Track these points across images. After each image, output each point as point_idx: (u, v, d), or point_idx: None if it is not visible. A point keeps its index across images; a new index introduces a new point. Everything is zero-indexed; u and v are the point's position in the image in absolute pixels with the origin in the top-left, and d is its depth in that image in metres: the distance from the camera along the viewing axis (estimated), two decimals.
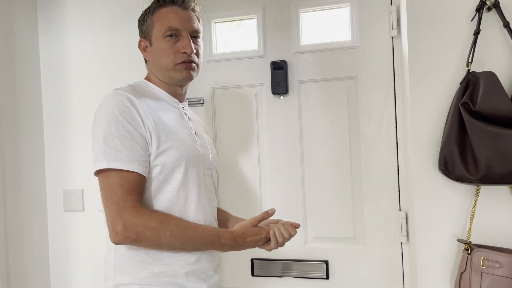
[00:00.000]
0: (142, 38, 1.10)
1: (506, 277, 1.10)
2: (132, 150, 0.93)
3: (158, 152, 0.97)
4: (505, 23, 1.17)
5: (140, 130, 0.95)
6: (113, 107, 0.95)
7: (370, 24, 1.51)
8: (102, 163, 0.92)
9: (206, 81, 1.67)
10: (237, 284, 1.65)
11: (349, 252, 1.54)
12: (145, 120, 0.96)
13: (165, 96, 1.09)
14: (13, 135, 1.50)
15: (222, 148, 1.66)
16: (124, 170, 0.92)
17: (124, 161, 0.92)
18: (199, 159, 1.06)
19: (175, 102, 1.10)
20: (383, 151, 1.50)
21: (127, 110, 0.95)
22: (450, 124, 1.17)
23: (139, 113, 0.96)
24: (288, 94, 1.59)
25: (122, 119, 0.94)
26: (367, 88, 1.52)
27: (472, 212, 1.20)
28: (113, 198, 0.91)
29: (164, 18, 1.05)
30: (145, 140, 0.96)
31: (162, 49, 1.04)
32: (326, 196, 1.56)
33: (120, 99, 0.96)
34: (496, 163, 1.09)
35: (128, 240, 0.91)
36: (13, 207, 1.48)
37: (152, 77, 1.10)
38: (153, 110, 1.00)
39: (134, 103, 0.96)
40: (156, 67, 1.07)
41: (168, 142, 0.98)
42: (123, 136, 0.93)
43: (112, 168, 0.92)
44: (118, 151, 0.92)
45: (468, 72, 1.18)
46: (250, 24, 1.66)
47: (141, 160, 0.94)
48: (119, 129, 0.93)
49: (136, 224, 0.90)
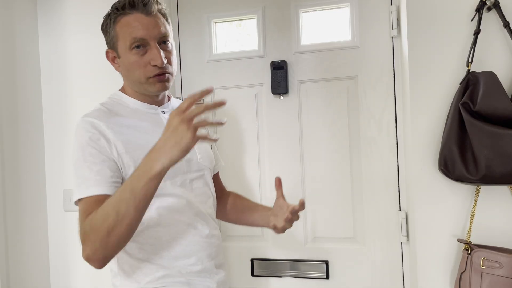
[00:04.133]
0: (109, 49, 1.03)
1: (506, 277, 1.10)
2: (101, 174, 0.91)
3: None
4: (505, 23, 1.17)
5: (106, 153, 0.93)
6: (80, 135, 0.95)
7: (370, 24, 1.51)
8: (76, 195, 0.92)
9: (206, 81, 1.67)
10: (237, 284, 1.65)
11: (349, 252, 1.54)
12: (115, 142, 0.94)
13: (140, 106, 1.04)
14: (13, 135, 1.50)
15: (222, 148, 1.66)
16: (91, 196, 0.90)
17: (92, 186, 0.90)
18: (182, 167, 1.01)
19: (153, 109, 1.05)
20: (383, 151, 1.50)
21: (92, 135, 0.94)
22: (450, 124, 1.17)
23: (105, 137, 0.94)
24: (288, 94, 1.59)
25: (87, 145, 0.93)
26: (367, 88, 1.52)
27: (472, 212, 1.20)
28: (80, 226, 0.90)
29: (127, 29, 0.96)
30: (114, 162, 0.93)
31: (131, 63, 0.98)
32: (326, 196, 1.56)
33: (84, 126, 0.95)
34: (496, 163, 1.09)
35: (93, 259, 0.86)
36: (13, 207, 1.48)
37: (128, 89, 1.06)
38: (125, 130, 0.97)
39: (100, 128, 0.94)
40: (128, 80, 1.03)
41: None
42: (90, 161, 0.92)
43: (82, 198, 0.91)
44: (86, 179, 0.91)
45: (468, 72, 1.18)
46: (250, 24, 1.66)
47: (111, 182, 0.92)
48: (86, 155, 0.92)
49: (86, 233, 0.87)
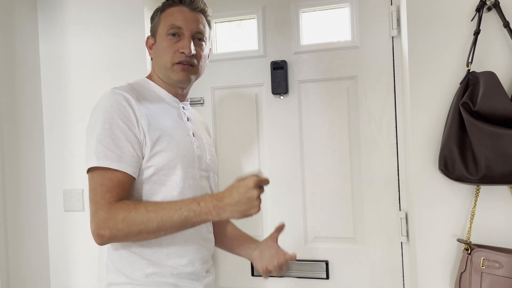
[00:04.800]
0: (150, 35, 1.11)
1: (506, 277, 1.10)
2: (124, 150, 0.92)
3: (152, 153, 0.96)
4: (505, 23, 1.17)
5: (134, 130, 0.94)
6: (109, 105, 0.94)
7: (370, 24, 1.51)
8: (92, 161, 0.91)
9: (206, 81, 1.67)
10: (237, 284, 1.64)
11: (349, 252, 1.54)
12: (140, 120, 0.95)
13: (165, 95, 1.08)
14: (13, 135, 1.50)
15: (222, 148, 1.66)
16: (110, 169, 0.90)
17: (114, 160, 0.91)
18: (195, 161, 1.04)
19: (175, 102, 1.09)
20: (383, 151, 1.50)
21: (123, 109, 0.94)
22: (450, 124, 1.17)
23: (134, 113, 0.95)
24: (288, 94, 1.59)
25: (117, 118, 0.93)
26: (367, 88, 1.52)
27: (472, 212, 1.20)
28: (94, 198, 0.90)
29: (169, 17, 1.05)
30: (139, 141, 0.94)
31: (163, 47, 1.04)
32: (326, 196, 1.56)
33: (116, 98, 0.95)
34: (496, 163, 1.09)
35: (105, 238, 0.88)
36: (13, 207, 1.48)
37: (154, 76, 1.10)
38: (149, 110, 0.99)
39: (131, 103, 0.95)
40: (157, 64, 1.07)
41: (162, 144, 0.97)
42: (116, 135, 0.92)
43: (99, 167, 0.90)
44: (109, 150, 0.91)
45: (468, 72, 1.18)
46: (250, 24, 1.66)
47: (132, 161, 0.93)
48: (113, 128, 0.92)
49: (107, 219, 0.88)
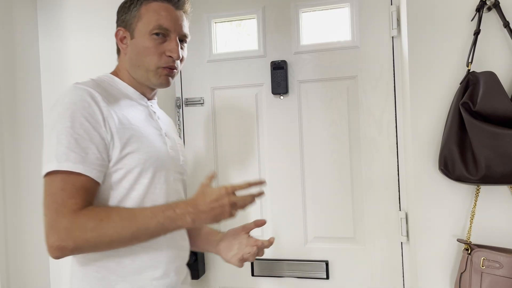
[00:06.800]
0: (122, 27, 0.98)
1: (506, 277, 1.10)
2: (87, 152, 0.83)
3: (122, 155, 0.87)
4: (505, 23, 1.17)
5: (99, 130, 0.85)
6: (71, 102, 0.84)
7: (370, 24, 1.51)
8: (52, 164, 0.81)
9: (206, 81, 1.67)
10: (237, 284, 1.64)
11: (349, 252, 1.54)
12: (108, 119, 0.86)
13: (132, 93, 0.99)
14: (13, 135, 1.50)
15: (222, 148, 1.66)
16: (73, 172, 0.81)
17: (77, 162, 0.81)
18: (169, 163, 0.97)
19: (143, 100, 1.01)
20: (383, 151, 1.50)
21: (87, 106, 0.84)
22: (450, 124, 1.17)
23: (101, 110, 0.86)
24: (288, 94, 1.59)
25: (80, 116, 0.83)
26: (367, 88, 1.52)
27: (472, 212, 1.20)
28: (53, 205, 0.80)
29: (154, 14, 0.95)
30: (104, 142, 0.85)
31: (146, 47, 0.94)
32: (326, 196, 1.56)
33: (80, 93, 0.85)
34: (496, 163, 1.09)
35: (67, 250, 0.79)
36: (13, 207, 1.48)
37: (122, 72, 1.00)
38: (119, 108, 0.90)
39: (97, 100, 0.86)
40: (134, 63, 0.97)
41: (134, 144, 0.89)
42: (79, 135, 0.82)
43: (60, 170, 0.81)
44: (71, 151, 0.81)
45: (468, 72, 1.18)
46: (250, 24, 1.66)
47: (96, 164, 0.84)
48: (76, 127, 0.83)
49: (73, 229, 0.78)
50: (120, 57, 1.02)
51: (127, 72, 1.00)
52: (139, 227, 0.82)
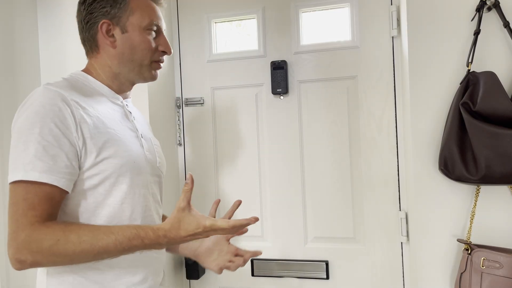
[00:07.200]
0: (107, 20, 0.92)
1: (506, 277, 1.10)
2: (55, 159, 0.78)
3: (97, 160, 0.83)
4: (505, 23, 1.17)
5: (70, 136, 0.80)
6: (41, 105, 0.79)
7: (370, 24, 1.51)
8: (19, 173, 0.77)
9: (206, 81, 1.67)
10: (237, 284, 1.65)
11: (349, 252, 1.54)
12: (81, 123, 0.82)
13: (106, 91, 0.94)
14: None
15: (222, 148, 1.66)
16: (35, 182, 0.77)
17: (43, 171, 0.77)
18: (146, 166, 0.93)
19: (118, 99, 0.96)
20: (383, 151, 1.50)
21: (57, 110, 0.80)
22: (450, 124, 1.17)
23: (73, 114, 0.81)
24: (288, 94, 1.59)
25: (50, 122, 0.78)
26: (367, 88, 1.52)
27: (472, 212, 1.20)
28: (14, 216, 0.77)
29: (148, 10, 0.94)
30: (75, 149, 0.81)
31: (142, 41, 0.93)
32: (326, 196, 1.56)
33: (50, 96, 0.80)
34: (496, 163, 1.09)
35: (26, 263, 0.76)
36: None
37: (96, 70, 0.95)
38: (93, 111, 0.86)
39: (68, 103, 0.81)
40: (125, 58, 0.93)
41: (110, 149, 0.85)
42: (48, 141, 0.78)
43: (24, 180, 0.77)
44: (38, 159, 0.77)
45: (468, 72, 1.18)
46: (250, 24, 1.66)
47: (65, 172, 0.79)
48: (44, 133, 0.78)
49: (30, 243, 0.75)
50: (98, 53, 0.95)
51: (105, 70, 0.95)
52: (100, 251, 0.78)
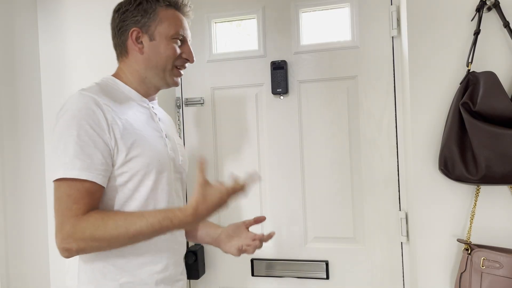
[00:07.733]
0: (138, 28, 1.01)
1: (506, 277, 1.10)
2: (92, 158, 0.87)
3: (127, 159, 0.92)
4: (505, 23, 1.17)
5: (104, 136, 0.89)
6: (77, 109, 0.89)
7: (370, 24, 1.51)
8: (59, 172, 0.87)
9: (206, 81, 1.67)
10: (237, 284, 1.65)
11: (349, 252, 1.54)
12: (112, 125, 0.91)
13: (134, 95, 1.03)
14: (13, 135, 1.50)
15: (222, 148, 1.66)
16: (77, 179, 0.86)
17: (82, 169, 0.86)
18: (169, 164, 1.02)
19: (145, 102, 1.05)
20: (383, 151, 1.50)
21: (92, 113, 0.89)
22: (450, 124, 1.17)
23: (105, 117, 0.90)
24: (288, 94, 1.59)
25: (85, 124, 0.88)
26: (367, 88, 1.52)
27: (472, 212, 1.20)
28: (60, 209, 0.87)
29: (175, 21, 1.03)
30: (108, 148, 0.90)
31: (168, 48, 1.01)
32: (326, 196, 1.56)
33: (85, 101, 0.90)
34: (496, 163, 1.09)
35: (72, 251, 0.86)
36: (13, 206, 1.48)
37: (125, 74, 1.04)
38: (122, 114, 0.95)
39: (101, 107, 0.91)
40: (152, 63, 1.01)
41: (138, 148, 0.94)
42: (84, 142, 0.87)
43: (66, 178, 0.86)
44: (77, 158, 0.86)
45: (468, 72, 1.18)
46: (250, 24, 1.66)
47: (101, 169, 0.89)
48: (81, 134, 0.87)
49: (75, 233, 0.85)
50: (126, 58, 1.04)
51: (133, 74, 1.03)
52: (134, 234, 0.87)
